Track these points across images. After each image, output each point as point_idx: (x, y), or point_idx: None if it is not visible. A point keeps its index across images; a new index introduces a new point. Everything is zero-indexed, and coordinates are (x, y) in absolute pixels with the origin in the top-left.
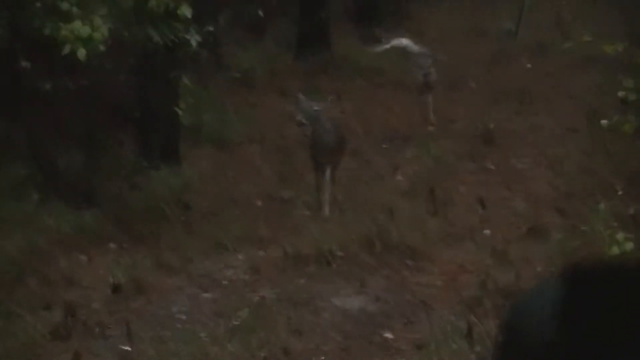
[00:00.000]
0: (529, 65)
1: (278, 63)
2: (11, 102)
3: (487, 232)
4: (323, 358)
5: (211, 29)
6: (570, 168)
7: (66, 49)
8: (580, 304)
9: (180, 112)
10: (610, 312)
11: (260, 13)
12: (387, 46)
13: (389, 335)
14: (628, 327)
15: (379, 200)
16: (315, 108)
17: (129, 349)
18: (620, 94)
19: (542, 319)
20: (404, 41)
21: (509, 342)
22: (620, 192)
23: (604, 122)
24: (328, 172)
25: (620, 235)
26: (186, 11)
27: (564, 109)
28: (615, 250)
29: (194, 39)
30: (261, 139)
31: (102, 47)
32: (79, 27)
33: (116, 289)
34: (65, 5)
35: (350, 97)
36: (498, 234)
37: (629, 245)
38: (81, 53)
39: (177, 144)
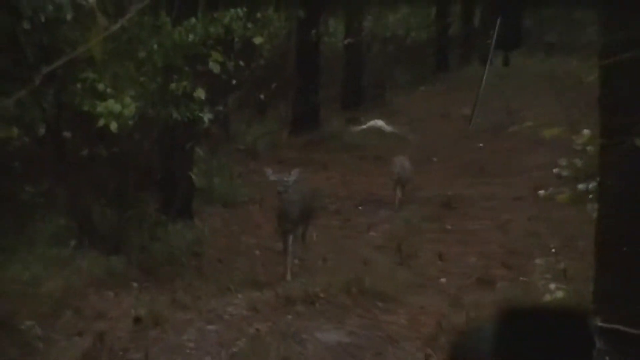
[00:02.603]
0: (480, 145)
1: (276, 138)
2: (55, 165)
3: (443, 280)
4: None
5: (221, 108)
6: (515, 230)
7: (101, 122)
8: (508, 335)
9: (194, 177)
10: (529, 342)
11: (262, 97)
12: (365, 126)
13: None
14: (539, 347)
15: (356, 253)
16: (285, 179)
17: None
18: (556, 170)
19: (483, 345)
20: (379, 122)
21: None
22: (553, 250)
23: (542, 192)
24: (291, 239)
25: (552, 286)
26: (201, 94)
27: (511, 181)
28: (548, 297)
29: (207, 117)
30: (261, 200)
31: (130, 122)
32: (112, 105)
33: (137, 321)
34: (101, 87)
35: (335, 168)
36: (453, 283)
37: (559, 294)
38: (113, 126)
39: (190, 203)
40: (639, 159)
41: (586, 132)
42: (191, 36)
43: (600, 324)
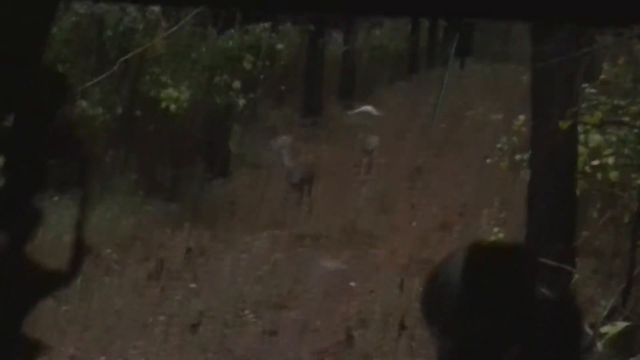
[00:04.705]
0: (442, 125)
1: (291, 120)
2: (129, 136)
3: (414, 224)
4: (312, 296)
5: (252, 96)
6: (467, 188)
7: (163, 105)
8: (475, 269)
9: (231, 146)
10: (492, 274)
11: (282, 88)
12: (357, 111)
13: (353, 284)
14: (501, 282)
15: (350, 205)
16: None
17: (195, 285)
18: (499, 144)
19: (453, 277)
20: (368, 108)
21: (431, 294)
22: (496, 204)
23: (489, 160)
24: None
25: (495, 229)
26: (237, 85)
27: (465, 153)
28: (492, 237)
29: (241, 102)
30: (281, 163)
31: (185, 105)
32: (172, 92)
33: (188, 251)
34: (163, 78)
35: (335, 141)
36: (421, 226)
37: (501, 235)
38: (172, 108)
39: (228, 165)
40: (560, 137)
41: (522, 117)
42: (230, 43)
43: None
